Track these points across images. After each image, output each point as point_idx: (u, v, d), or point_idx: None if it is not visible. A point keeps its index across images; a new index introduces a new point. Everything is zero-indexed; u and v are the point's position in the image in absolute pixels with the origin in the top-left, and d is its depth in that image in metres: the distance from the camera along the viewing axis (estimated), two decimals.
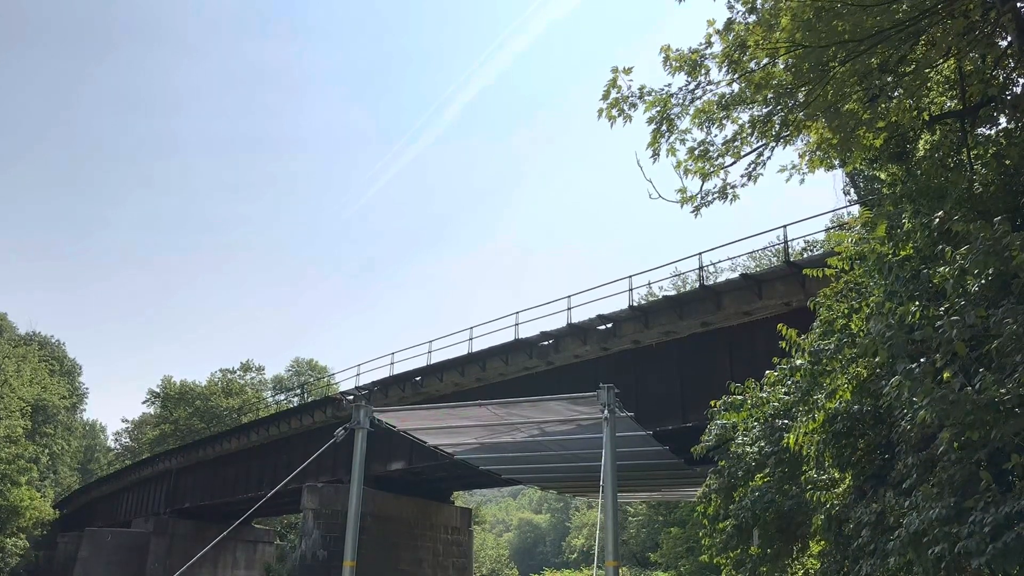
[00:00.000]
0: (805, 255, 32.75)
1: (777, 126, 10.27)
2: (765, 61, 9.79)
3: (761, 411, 11.94)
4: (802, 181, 11.37)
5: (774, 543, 10.90)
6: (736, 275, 27.25)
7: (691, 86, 10.39)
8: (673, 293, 31.97)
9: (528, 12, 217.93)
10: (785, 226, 24.70)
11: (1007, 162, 8.97)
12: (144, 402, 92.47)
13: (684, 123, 10.54)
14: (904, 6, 8.63)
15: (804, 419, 9.70)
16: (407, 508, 41.01)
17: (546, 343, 30.28)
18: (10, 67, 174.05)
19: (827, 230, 27.23)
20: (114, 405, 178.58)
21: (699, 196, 10.83)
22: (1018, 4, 8.88)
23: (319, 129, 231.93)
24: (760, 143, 10.52)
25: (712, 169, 10.64)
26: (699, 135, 10.70)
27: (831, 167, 11.88)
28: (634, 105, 10.36)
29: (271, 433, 45.06)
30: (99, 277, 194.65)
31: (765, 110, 10.29)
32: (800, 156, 11.28)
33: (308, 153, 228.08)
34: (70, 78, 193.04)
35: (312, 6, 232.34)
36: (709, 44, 10.23)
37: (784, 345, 11.19)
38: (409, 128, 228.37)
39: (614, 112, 10.40)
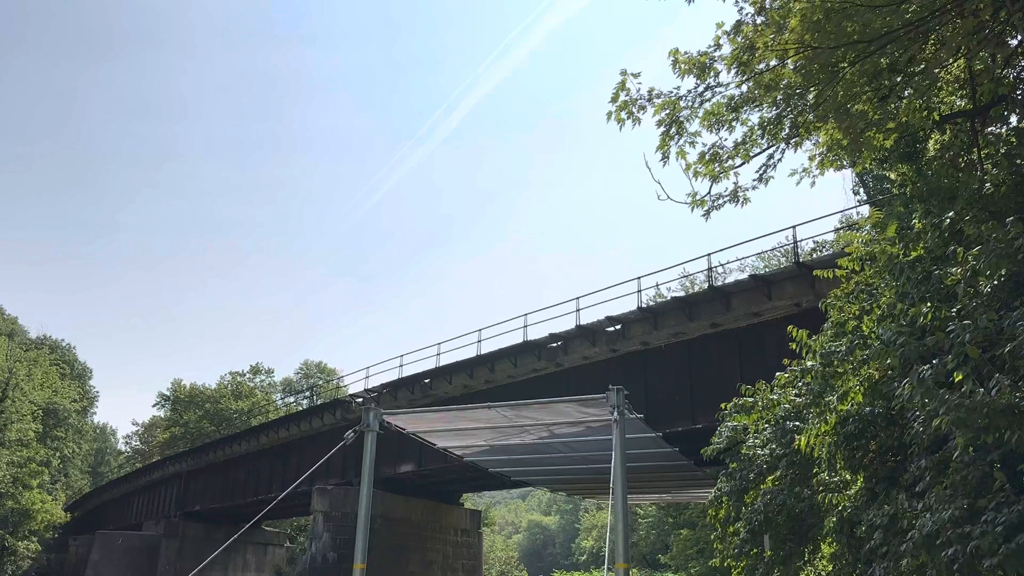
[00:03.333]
0: (815, 256, 32.66)
1: (787, 128, 10.25)
2: (774, 63, 9.77)
3: (772, 413, 11.89)
4: (813, 183, 11.34)
5: (785, 546, 10.86)
6: (745, 276, 27.19)
7: (700, 88, 10.37)
8: (682, 294, 31.89)
9: (535, 13, 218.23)
10: (795, 227, 24.71)
11: (1018, 161, 8.92)
12: (154, 405, 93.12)
13: (693, 126, 10.54)
14: (913, 6, 8.61)
15: (815, 421, 9.67)
16: (417, 510, 41.05)
17: (555, 345, 30.27)
18: (17, 70, 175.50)
19: (837, 230, 27.19)
20: (124, 408, 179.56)
21: (709, 199, 10.81)
22: None
23: (326, 132, 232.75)
24: (770, 145, 10.50)
25: (722, 171, 10.62)
26: (708, 137, 10.69)
27: (841, 167, 11.84)
28: (643, 108, 10.36)
29: (280, 436, 45.18)
30: (108, 280, 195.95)
31: (774, 111, 10.26)
32: (810, 158, 11.25)
33: (316, 156, 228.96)
34: (76, 81, 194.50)
35: (319, 9, 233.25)
36: (718, 46, 10.22)
37: (794, 346, 11.14)
38: (416, 130, 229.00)
39: (623, 115, 10.39)
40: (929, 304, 7.39)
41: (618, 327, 28.09)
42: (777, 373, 12.53)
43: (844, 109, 9.55)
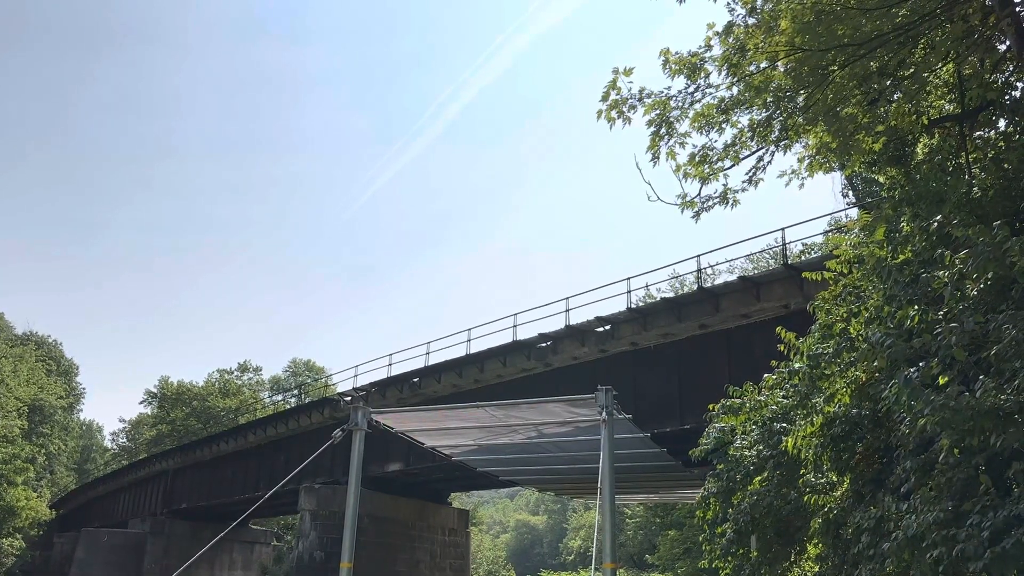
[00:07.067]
0: (803, 258, 32.79)
1: (776, 130, 10.28)
2: (764, 64, 9.79)
3: (759, 414, 11.91)
4: (801, 186, 11.37)
5: (772, 547, 10.88)
6: (734, 277, 27.28)
7: (690, 89, 10.39)
8: (671, 295, 31.95)
9: (528, 12, 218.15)
10: (783, 229, 24.85)
11: (1006, 166, 8.97)
12: (141, 402, 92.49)
13: (683, 126, 10.55)
14: (903, 10, 8.65)
15: (802, 423, 9.70)
16: (404, 509, 40.98)
17: (544, 345, 30.27)
18: (10, 68, 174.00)
19: (825, 233, 27.31)
20: (111, 405, 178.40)
21: (699, 201, 10.83)
22: (1017, 8, 8.89)
23: (319, 130, 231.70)
24: (760, 147, 10.52)
25: (711, 173, 10.64)
26: (698, 139, 10.70)
27: (830, 170, 11.89)
28: (634, 107, 10.35)
29: (268, 434, 45.01)
30: (98, 278, 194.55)
31: (764, 114, 10.29)
32: (799, 160, 11.28)
33: (308, 154, 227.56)
34: (70, 79, 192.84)
35: (312, 8, 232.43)
36: (709, 47, 10.23)
37: (782, 348, 11.18)
38: (409, 129, 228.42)
39: (613, 114, 10.38)
40: (916, 307, 7.41)
41: (607, 327, 28.13)
42: (765, 374, 12.56)
43: (833, 112, 9.59)
